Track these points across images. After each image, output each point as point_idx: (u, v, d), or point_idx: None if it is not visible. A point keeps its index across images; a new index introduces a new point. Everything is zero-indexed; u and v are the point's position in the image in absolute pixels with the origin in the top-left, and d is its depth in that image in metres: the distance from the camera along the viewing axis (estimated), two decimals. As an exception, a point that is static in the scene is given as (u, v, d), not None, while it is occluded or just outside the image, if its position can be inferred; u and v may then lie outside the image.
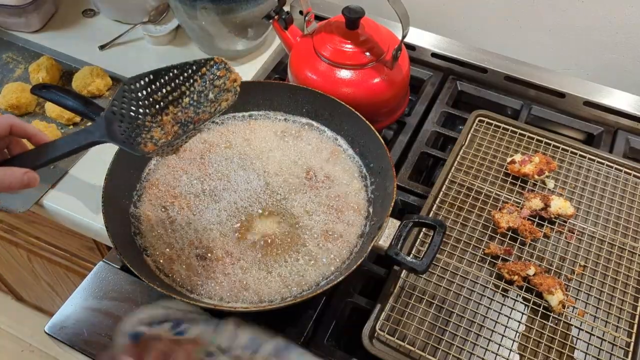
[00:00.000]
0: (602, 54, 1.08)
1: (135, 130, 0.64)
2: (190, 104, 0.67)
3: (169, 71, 0.67)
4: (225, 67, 0.68)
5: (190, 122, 0.66)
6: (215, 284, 0.71)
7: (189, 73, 0.67)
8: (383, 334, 0.69)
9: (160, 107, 0.66)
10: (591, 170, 0.89)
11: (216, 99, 0.68)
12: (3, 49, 1.11)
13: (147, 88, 0.66)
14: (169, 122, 0.66)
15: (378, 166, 0.80)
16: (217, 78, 0.68)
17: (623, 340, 0.71)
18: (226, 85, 0.68)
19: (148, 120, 0.65)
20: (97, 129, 0.63)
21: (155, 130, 0.65)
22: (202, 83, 0.68)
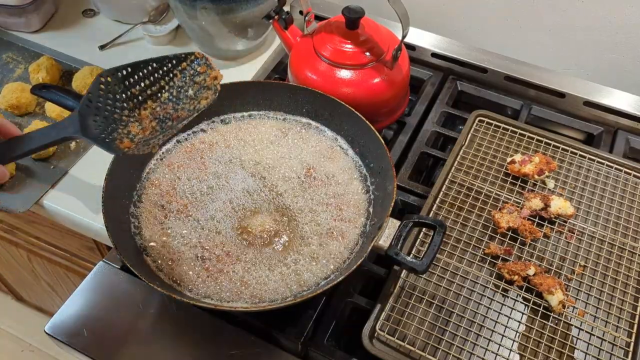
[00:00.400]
0: (602, 54, 1.08)
1: (112, 125, 0.62)
2: (169, 99, 0.66)
3: (147, 64, 0.65)
4: (206, 63, 0.67)
5: (168, 118, 0.65)
6: (215, 283, 0.71)
7: (169, 67, 0.66)
8: (383, 334, 0.69)
9: (138, 101, 0.65)
10: (591, 170, 0.89)
11: (196, 96, 0.66)
12: (3, 49, 1.11)
13: (125, 81, 0.64)
14: (147, 117, 0.65)
15: (378, 166, 0.80)
16: (197, 74, 0.66)
17: (623, 340, 0.71)
18: (206, 82, 0.66)
19: (125, 115, 0.64)
20: (71, 124, 0.61)
21: (133, 125, 0.64)
22: (182, 78, 0.66)
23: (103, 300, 0.77)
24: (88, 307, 0.76)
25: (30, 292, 1.61)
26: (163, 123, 0.65)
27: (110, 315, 0.75)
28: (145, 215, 0.77)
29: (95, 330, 0.73)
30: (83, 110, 0.61)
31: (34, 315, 1.72)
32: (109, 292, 0.77)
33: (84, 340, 0.73)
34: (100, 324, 0.74)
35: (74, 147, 0.94)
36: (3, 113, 0.98)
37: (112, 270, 0.79)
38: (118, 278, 0.78)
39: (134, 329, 0.74)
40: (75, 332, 0.73)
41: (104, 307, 0.76)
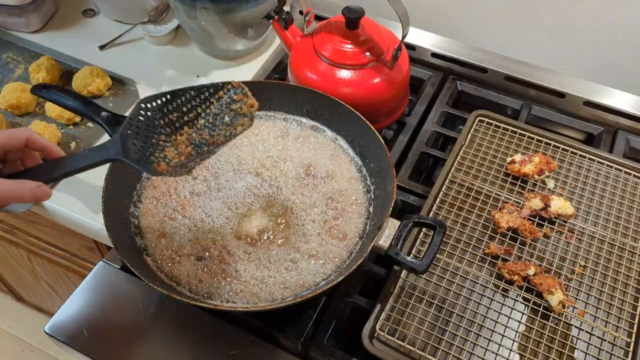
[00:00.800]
0: (602, 54, 1.08)
1: (149, 149, 0.65)
2: (205, 126, 0.68)
3: (186, 92, 0.67)
4: (243, 92, 0.68)
5: (204, 144, 0.67)
6: (215, 283, 0.71)
7: (206, 95, 0.68)
8: (383, 334, 0.69)
9: (175, 127, 0.67)
10: (591, 170, 0.89)
11: (232, 122, 0.68)
12: (3, 49, 1.11)
13: (164, 108, 0.66)
14: (182, 142, 0.67)
15: (378, 166, 0.80)
16: (233, 102, 0.68)
17: (623, 340, 0.71)
18: (242, 110, 0.68)
19: (162, 140, 0.66)
20: (113, 147, 0.63)
21: (169, 150, 0.66)
22: (219, 106, 0.68)
23: (103, 300, 0.77)
24: (88, 307, 0.76)
25: (30, 292, 1.61)
26: (199, 148, 0.67)
27: (110, 315, 0.75)
28: (145, 216, 0.77)
29: (95, 330, 0.73)
30: (124, 133, 0.63)
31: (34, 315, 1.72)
32: (109, 292, 0.77)
33: (84, 340, 0.73)
34: (100, 324, 0.74)
35: (74, 147, 0.94)
36: (3, 113, 0.98)
37: (112, 270, 0.79)
38: (118, 278, 0.78)
39: (134, 329, 0.74)
40: (75, 332, 0.73)
41: (104, 307, 0.76)
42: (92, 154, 0.63)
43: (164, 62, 1.10)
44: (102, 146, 0.64)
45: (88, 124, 0.98)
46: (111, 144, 0.63)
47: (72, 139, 0.95)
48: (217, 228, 0.76)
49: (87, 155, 0.63)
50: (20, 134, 0.61)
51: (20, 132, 0.61)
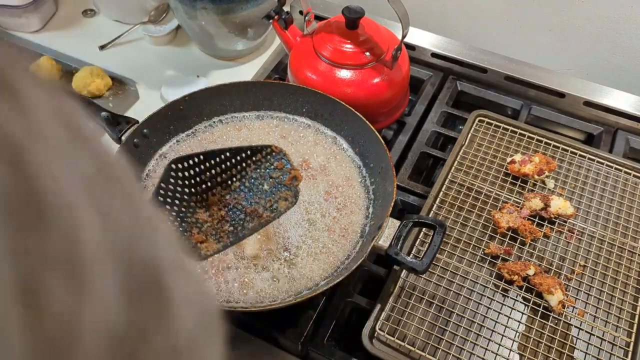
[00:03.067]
0: (602, 54, 1.08)
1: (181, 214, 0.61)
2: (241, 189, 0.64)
3: (221, 153, 0.64)
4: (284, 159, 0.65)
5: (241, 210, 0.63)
6: (215, 283, 0.71)
7: (242, 157, 0.65)
8: (383, 334, 0.69)
9: (207, 187, 0.63)
10: (591, 170, 0.89)
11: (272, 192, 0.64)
12: (3, 49, 1.11)
13: (196, 167, 0.63)
14: (214, 203, 0.63)
15: (378, 166, 0.80)
16: (273, 169, 0.65)
17: (623, 340, 0.71)
18: (284, 181, 0.65)
19: (194, 201, 0.62)
20: None
21: (200, 212, 0.62)
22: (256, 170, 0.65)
23: (103, 300, 0.76)
24: (88, 307, 0.76)
25: (30, 292, 1.61)
26: (234, 214, 0.63)
27: (110, 315, 0.75)
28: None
29: (95, 330, 0.73)
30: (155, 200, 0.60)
31: (34, 315, 1.72)
32: (109, 292, 0.77)
33: (84, 340, 0.72)
34: (100, 324, 0.74)
35: (74, 147, 0.94)
36: (3, 113, 0.98)
37: (112, 270, 0.79)
38: (118, 278, 0.78)
39: (134, 329, 0.74)
40: (75, 332, 0.73)
41: (104, 307, 0.76)
42: None
43: (164, 62, 1.10)
44: None
45: (88, 124, 0.98)
46: None
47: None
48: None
49: None
50: None
51: None
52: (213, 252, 0.60)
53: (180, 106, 0.83)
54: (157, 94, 1.03)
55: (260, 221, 0.64)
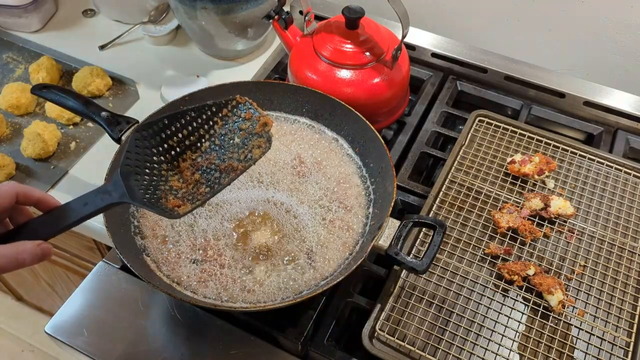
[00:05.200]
0: (602, 54, 1.08)
1: (153, 183, 0.58)
2: (211, 149, 0.62)
3: (185, 114, 0.61)
4: (251, 109, 0.63)
5: (214, 169, 0.61)
6: (214, 283, 0.71)
7: (208, 115, 0.62)
8: (383, 334, 0.69)
9: (176, 153, 0.61)
10: (591, 170, 0.89)
11: (244, 144, 0.62)
12: (3, 49, 1.11)
13: (162, 133, 0.60)
14: (187, 168, 0.61)
15: (378, 166, 0.80)
16: (242, 120, 0.62)
17: (623, 340, 0.71)
18: (255, 130, 0.62)
19: (164, 169, 0.60)
20: (115, 189, 0.56)
21: (173, 179, 0.60)
22: (224, 126, 0.62)
23: (103, 300, 0.77)
24: (88, 307, 0.76)
25: (30, 292, 1.61)
26: (208, 175, 0.61)
27: (110, 315, 0.75)
28: (145, 216, 0.77)
29: (95, 330, 0.73)
30: (124, 170, 0.57)
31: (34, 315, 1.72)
32: (109, 292, 0.77)
33: (84, 340, 0.73)
34: (100, 324, 0.74)
35: (74, 147, 0.94)
36: (3, 113, 0.98)
37: (112, 270, 0.79)
38: (118, 278, 0.78)
39: (134, 329, 0.74)
40: (75, 332, 0.73)
41: (104, 307, 0.76)
42: (93, 200, 0.56)
43: (164, 62, 1.10)
44: (102, 189, 0.57)
45: (88, 124, 0.98)
46: (113, 186, 0.56)
47: (72, 139, 0.95)
48: (216, 227, 0.76)
49: (89, 203, 0.56)
50: (10, 191, 0.54)
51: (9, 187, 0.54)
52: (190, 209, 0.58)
53: (180, 106, 0.83)
54: (157, 94, 1.03)
55: (236, 173, 0.62)
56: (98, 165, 0.78)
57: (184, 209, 0.58)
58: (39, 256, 0.52)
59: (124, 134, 0.77)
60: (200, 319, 0.74)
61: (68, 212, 0.55)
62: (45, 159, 0.92)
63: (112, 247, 0.74)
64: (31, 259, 0.52)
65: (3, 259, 0.50)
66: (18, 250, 0.51)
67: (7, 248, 0.51)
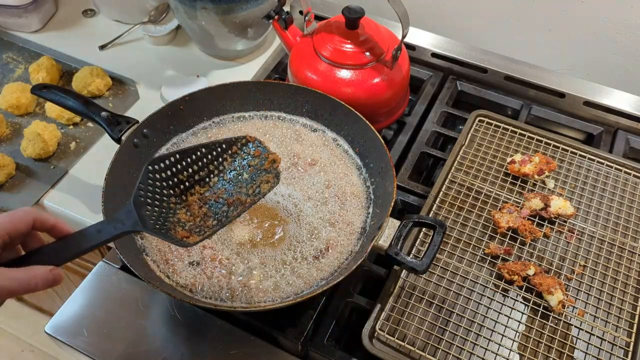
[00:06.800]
0: (602, 54, 1.08)
1: (163, 214, 0.60)
2: (221, 184, 0.64)
3: (196, 150, 0.63)
4: (260, 147, 0.65)
5: (222, 203, 0.63)
6: (214, 283, 0.71)
7: (218, 152, 0.64)
8: (383, 333, 0.69)
9: (185, 187, 0.63)
10: (591, 170, 0.89)
11: (252, 179, 0.64)
12: (3, 49, 1.11)
13: (173, 168, 0.62)
14: (194, 202, 0.63)
15: (378, 166, 0.80)
16: (251, 158, 0.65)
17: (623, 340, 0.71)
18: (264, 166, 0.65)
19: (173, 202, 0.61)
20: (128, 217, 0.57)
21: (181, 212, 0.62)
22: (233, 162, 0.65)
23: (103, 300, 0.77)
24: (88, 307, 0.76)
25: (30, 292, 1.61)
26: (216, 208, 0.63)
27: (110, 315, 0.75)
28: (145, 215, 0.77)
29: (95, 330, 0.73)
30: (137, 201, 0.59)
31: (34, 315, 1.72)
32: (109, 292, 0.77)
33: (84, 340, 0.73)
34: (100, 324, 0.74)
35: (74, 147, 0.94)
36: (3, 113, 0.98)
37: (112, 270, 0.79)
38: (118, 278, 0.78)
39: (134, 329, 0.74)
40: (75, 332, 0.73)
41: (104, 307, 0.76)
42: (106, 228, 0.56)
43: (164, 62, 1.10)
44: (116, 219, 0.58)
45: (88, 124, 0.98)
46: (125, 215, 0.58)
47: (72, 139, 0.95)
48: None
49: (101, 231, 0.56)
50: (27, 217, 0.54)
51: (26, 213, 0.55)
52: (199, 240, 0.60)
53: (180, 106, 0.83)
54: (157, 94, 1.03)
55: (244, 207, 0.64)
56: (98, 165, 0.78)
57: (193, 240, 0.60)
58: (50, 281, 0.52)
59: (124, 134, 0.77)
60: (200, 319, 0.74)
61: (81, 239, 0.56)
62: (45, 159, 0.92)
63: (112, 247, 0.74)
64: (43, 284, 0.52)
65: (15, 283, 0.50)
66: (30, 275, 0.51)
67: (20, 272, 0.51)
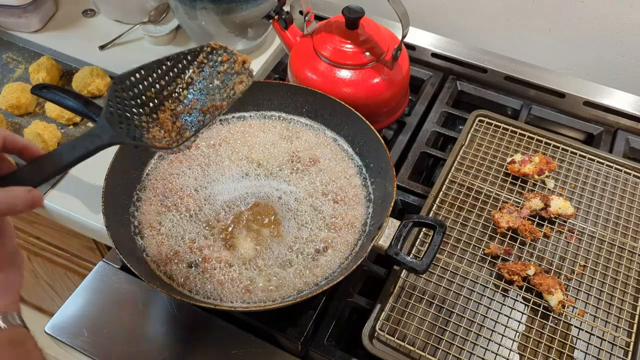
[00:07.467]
0: (602, 54, 1.08)
1: (137, 132, 0.59)
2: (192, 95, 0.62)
3: (161, 64, 0.61)
4: (227, 52, 0.63)
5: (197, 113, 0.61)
6: (214, 283, 0.71)
7: (184, 64, 0.62)
8: (383, 333, 0.69)
9: (154, 105, 0.61)
10: (591, 170, 0.89)
11: (225, 84, 0.62)
12: (3, 49, 1.11)
13: (139, 85, 0.60)
14: (166, 119, 0.61)
15: (378, 166, 0.80)
16: (219, 64, 0.63)
17: (623, 340, 0.71)
18: (234, 69, 0.63)
19: (144, 121, 0.60)
20: (103, 132, 0.55)
21: (154, 130, 0.60)
22: (201, 72, 0.63)
23: (103, 300, 0.77)
24: (88, 307, 0.76)
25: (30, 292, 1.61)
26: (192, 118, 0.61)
27: (110, 315, 0.75)
28: (145, 215, 0.77)
29: (95, 330, 0.73)
30: (108, 117, 0.57)
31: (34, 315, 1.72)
32: (109, 292, 0.77)
33: (84, 340, 0.73)
34: (100, 324, 0.74)
35: (74, 147, 0.94)
36: (3, 113, 0.98)
37: (112, 270, 0.79)
38: (118, 278, 0.78)
39: (134, 329, 0.74)
40: (75, 332, 0.73)
41: (104, 307, 0.76)
42: (83, 142, 0.54)
43: (164, 62, 1.09)
44: (91, 134, 0.55)
45: (88, 124, 0.98)
46: (100, 129, 0.55)
47: (72, 139, 0.95)
48: (217, 228, 0.76)
49: (77, 146, 0.54)
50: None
51: None
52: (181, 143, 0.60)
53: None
54: (157, 94, 1.03)
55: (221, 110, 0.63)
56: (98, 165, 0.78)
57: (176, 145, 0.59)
58: (29, 202, 0.50)
59: (124, 134, 0.77)
60: (200, 319, 0.74)
61: (56, 158, 0.54)
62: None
63: (112, 247, 0.74)
64: (22, 205, 0.49)
65: None
66: (7, 195, 0.49)
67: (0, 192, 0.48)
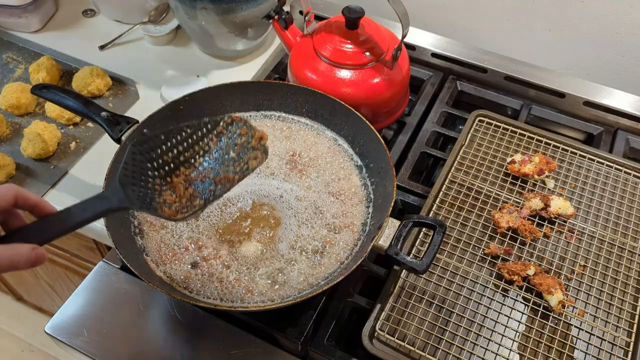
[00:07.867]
0: (602, 54, 1.08)
1: (149, 195, 0.60)
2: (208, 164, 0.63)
3: (181, 131, 0.62)
4: (246, 125, 0.64)
5: (209, 183, 0.63)
6: (214, 283, 0.71)
7: (203, 132, 0.63)
8: (383, 333, 0.69)
9: (170, 169, 0.62)
10: (591, 170, 0.89)
11: (240, 157, 0.64)
12: (3, 49, 1.11)
13: (157, 149, 0.61)
14: (180, 183, 0.62)
15: (378, 166, 0.80)
16: (237, 136, 0.64)
17: (623, 340, 0.71)
18: (251, 144, 0.64)
19: (157, 183, 0.61)
20: (114, 195, 0.57)
21: (167, 194, 0.61)
22: (219, 142, 0.64)
23: (103, 300, 0.77)
24: (88, 307, 0.76)
25: (30, 292, 1.61)
26: (203, 188, 0.62)
27: (110, 315, 0.75)
28: (145, 215, 0.77)
29: (95, 330, 0.73)
30: (122, 180, 0.58)
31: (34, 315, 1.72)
32: (109, 292, 0.77)
33: (84, 340, 0.73)
34: (100, 324, 0.74)
35: (74, 147, 0.94)
36: (3, 113, 0.98)
37: (112, 270, 0.79)
38: (118, 278, 0.79)
39: (134, 329, 0.74)
40: (75, 332, 0.73)
41: (104, 307, 0.76)
42: (92, 205, 0.55)
43: (164, 62, 1.10)
44: (101, 196, 0.57)
45: (88, 124, 0.98)
46: (112, 192, 0.57)
47: (72, 139, 0.95)
48: (217, 227, 0.76)
49: (87, 208, 0.55)
50: (8, 193, 0.52)
51: (7, 189, 0.52)
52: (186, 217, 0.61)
53: (180, 106, 0.83)
54: (157, 94, 1.03)
55: (232, 184, 0.64)
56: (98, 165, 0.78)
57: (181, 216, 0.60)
58: (32, 260, 0.50)
59: (124, 134, 0.78)
60: (200, 319, 0.74)
61: (66, 217, 0.54)
62: (45, 159, 0.92)
63: (112, 247, 0.74)
64: (25, 263, 0.50)
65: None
66: (13, 253, 0.49)
67: (5, 249, 0.49)
